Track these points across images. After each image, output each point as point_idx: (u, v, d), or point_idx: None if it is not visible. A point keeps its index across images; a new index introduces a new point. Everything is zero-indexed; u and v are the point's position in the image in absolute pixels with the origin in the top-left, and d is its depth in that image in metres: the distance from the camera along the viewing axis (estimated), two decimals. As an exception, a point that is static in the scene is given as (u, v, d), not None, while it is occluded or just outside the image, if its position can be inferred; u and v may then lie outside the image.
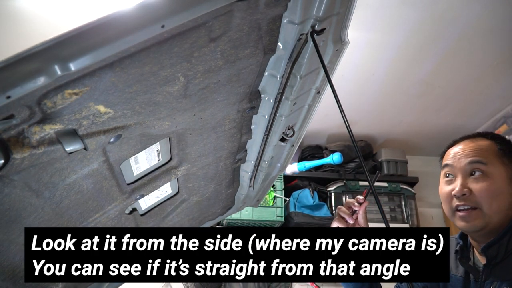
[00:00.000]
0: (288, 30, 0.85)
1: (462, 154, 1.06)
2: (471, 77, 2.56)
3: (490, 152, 1.03)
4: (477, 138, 1.08)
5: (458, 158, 1.06)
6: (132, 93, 0.70)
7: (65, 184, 0.78)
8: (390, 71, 2.49)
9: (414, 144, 3.36)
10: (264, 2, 0.72)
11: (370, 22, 2.08)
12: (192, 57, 0.72)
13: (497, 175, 1.01)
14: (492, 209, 0.99)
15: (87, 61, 0.53)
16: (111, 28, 0.54)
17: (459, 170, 1.05)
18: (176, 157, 1.05)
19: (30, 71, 0.50)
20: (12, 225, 0.75)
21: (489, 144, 1.05)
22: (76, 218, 0.90)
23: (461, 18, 2.07)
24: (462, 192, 1.02)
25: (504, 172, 1.01)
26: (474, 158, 1.03)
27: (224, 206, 1.58)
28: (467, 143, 1.08)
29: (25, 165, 0.64)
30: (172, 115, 0.85)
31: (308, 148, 3.20)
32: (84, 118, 0.67)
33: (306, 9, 0.81)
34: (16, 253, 0.82)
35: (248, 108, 1.03)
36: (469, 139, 1.09)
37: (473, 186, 1.02)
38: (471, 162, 1.03)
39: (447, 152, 1.13)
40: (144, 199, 1.11)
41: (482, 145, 1.05)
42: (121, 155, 0.86)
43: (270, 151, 1.29)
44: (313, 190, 2.94)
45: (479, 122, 3.05)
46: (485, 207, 0.99)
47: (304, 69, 0.97)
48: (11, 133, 0.59)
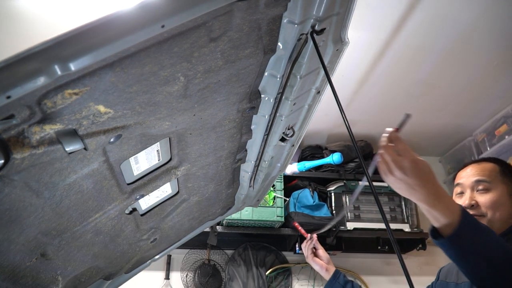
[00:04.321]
0: (288, 30, 0.85)
1: (470, 174, 1.28)
2: (471, 77, 2.56)
3: (493, 172, 1.25)
4: (483, 162, 1.30)
5: (467, 177, 1.28)
6: (132, 93, 0.70)
7: (65, 184, 0.78)
8: (390, 71, 2.49)
9: (414, 144, 3.36)
10: (264, 2, 0.72)
11: (370, 22, 2.08)
12: (192, 57, 0.72)
13: (499, 190, 1.21)
14: (495, 217, 1.18)
15: (87, 61, 0.53)
16: (111, 28, 0.54)
17: (467, 186, 1.26)
18: (176, 157, 1.05)
19: (30, 71, 0.50)
20: (12, 225, 0.75)
21: (492, 166, 1.27)
22: (76, 218, 0.90)
23: (461, 18, 2.07)
24: (470, 204, 1.21)
25: (505, 189, 1.22)
26: (480, 178, 1.24)
27: (224, 206, 1.58)
28: (474, 165, 1.30)
29: (25, 165, 0.64)
30: (172, 115, 0.85)
31: (308, 148, 3.20)
32: (84, 118, 0.67)
33: (306, 9, 0.81)
34: (16, 253, 0.82)
35: (248, 108, 1.03)
36: (476, 163, 1.31)
37: (479, 199, 1.22)
38: (477, 180, 1.24)
39: (458, 174, 1.34)
40: (144, 199, 1.11)
41: (486, 167, 1.27)
42: (121, 155, 0.86)
43: (270, 151, 1.29)
44: (313, 190, 2.93)
45: (479, 122, 3.05)
46: (489, 216, 1.18)
47: (304, 69, 0.97)
48: (11, 133, 0.59)
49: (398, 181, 0.85)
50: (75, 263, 1.04)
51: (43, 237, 0.86)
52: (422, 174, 0.85)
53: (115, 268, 1.29)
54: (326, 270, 1.71)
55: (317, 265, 1.73)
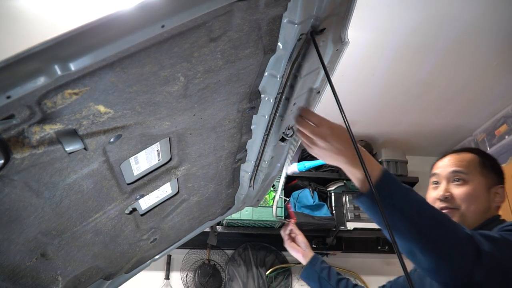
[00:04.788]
0: (288, 30, 0.85)
1: (447, 164, 1.22)
2: (471, 77, 2.57)
3: (472, 163, 1.19)
4: (462, 152, 1.25)
5: (444, 168, 1.23)
6: (132, 93, 0.70)
7: (65, 184, 0.78)
8: (390, 71, 2.49)
9: (414, 144, 3.36)
10: (264, 2, 0.72)
11: (370, 22, 2.08)
12: (192, 57, 0.72)
13: (476, 183, 1.16)
14: (469, 210, 1.13)
15: (87, 61, 0.53)
16: (111, 28, 0.54)
17: (443, 177, 1.21)
18: (176, 157, 1.05)
19: (30, 71, 0.50)
20: (12, 225, 0.75)
21: (472, 157, 1.21)
22: (76, 218, 0.90)
23: (461, 18, 2.07)
24: (445, 196, 1.17)
25: (483, 181, 1.17)
26: (457, 168, 1.19)
27: (224, 206, 1.58)
28: (453, 155, 1.25)
29: (25, 165, 0.64)
30: (172, 115, 0.85)
31: (308, 148, 3.20)
32: (84, 118, 0.67)
33: (306, 9, 0.81)
34: (16, 253, 0.82)
35: (248, 108, 1.03)
36: (456, 152, 1.26)
37: (454, 190, 1.17)
38: (454, 171, 1.19)
39: (436, 164, 1.29)
40: (144, 199, 1.11)
41: (465, 158, 1.22)
42: (121, 155, 0.86)
43: (270, 151, 1.29)
44: (313, 190, 2.94)
45: (479, 122, 3.05)
46: (463, 208, 1.14)
47: (304, 69, 0.97)
48: (11, 133, 0.59)
49: (322, 150, 0.89)
50: (75, 263, 1.04)
51: (43, 237, 0.86)
52: (342, 138, 0.88)
53: (115, 268, 1.29)
54: (303, 256, 1.61)
55: (294, 250, 1.64)
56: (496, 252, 0.84)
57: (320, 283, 1.52)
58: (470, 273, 0.82)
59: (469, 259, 0.82)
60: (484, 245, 0.84)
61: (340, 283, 1.51)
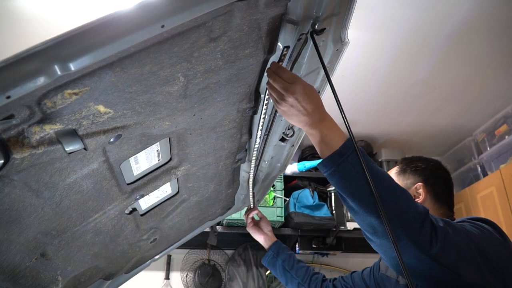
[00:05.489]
0: (288, 30, 0.85)
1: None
2: (471, 77, 2.56)
3: (394, 174, 1.33)
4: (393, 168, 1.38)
5: None
6: (132, 93, 0.70)
7: (65, 184, 0.78)
8: (390, 71, 2.49)
9: (414, 144, 3.35)
10: (264, 2, 0.72)
11: (370, 22, 2.08)
12: (192, 57, 0.72)
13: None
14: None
15: (87, 61, 0.53)
16: (111, 28, 0.54)
17: None
18: (176, 157, 1.05)
19: (30, 71, 0.50)
20: (12, 225, 0.75)
21: (395, 169, 1.36)
22: (76, 218, 0.90)
23: (461, 18, 2.07)
24: None
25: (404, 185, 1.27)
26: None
27: (224, 206, 1.58)
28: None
29: (25, 165, 0.64)
30: (172, 115, 0.85)
31: (308, 148, 3.20)
32: (84, 118, 0.67)
33: (306, 9, 0.81)
34: (16, 253, 0.82)
35: (248, 108, 1.03)
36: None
37: None
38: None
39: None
40: (144, 199, 1.11)
41: (390, 172, 1.33)
42: (121, 155, 0.86)
43: (270, 151, 1.29)
44: (313, 190, 2.93)
45: (479, 122, 3.05)
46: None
47: (304, 69, 0.97)
48: (11, 133, 0.59)
49: (289, 107, 0.87)
50: (75, 263, 1.04)
51: (43, 237, 0.86)
52: (313, 98, 0.87)
53: (115, 268, 1.29)
54: (265, 240, 1.58)
55: (256, 233, 1.60)
56: (448, 229, 0.87)
57: (281, 271, 1.52)
58: (429, 246, 0.83)
59: (427, 231, 0.84)
60: (439, 221, 0.88)
61: (299, 271, 1.50)
